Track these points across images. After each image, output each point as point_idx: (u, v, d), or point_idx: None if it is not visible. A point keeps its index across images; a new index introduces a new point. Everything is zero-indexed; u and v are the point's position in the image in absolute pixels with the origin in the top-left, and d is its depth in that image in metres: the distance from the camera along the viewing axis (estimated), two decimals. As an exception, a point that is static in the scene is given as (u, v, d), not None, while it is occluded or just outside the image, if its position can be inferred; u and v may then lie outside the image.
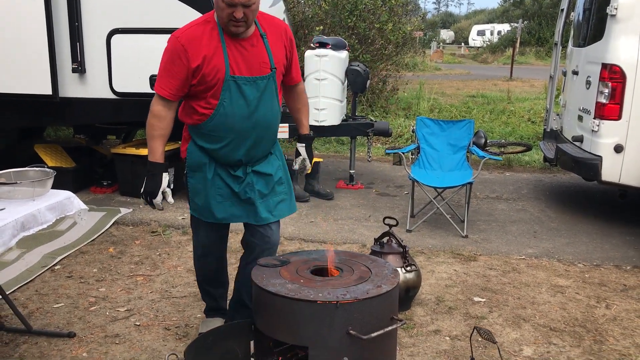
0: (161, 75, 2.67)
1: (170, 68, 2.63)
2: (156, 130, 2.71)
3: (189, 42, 2.60)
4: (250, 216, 2.88)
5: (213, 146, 2.76)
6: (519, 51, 30.30)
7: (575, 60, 5.87)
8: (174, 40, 2.62)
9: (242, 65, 2.66)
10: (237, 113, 2.68)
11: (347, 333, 2.22)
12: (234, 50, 2.65)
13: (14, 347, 3.17)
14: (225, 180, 2.83)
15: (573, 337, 3.34)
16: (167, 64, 2.64)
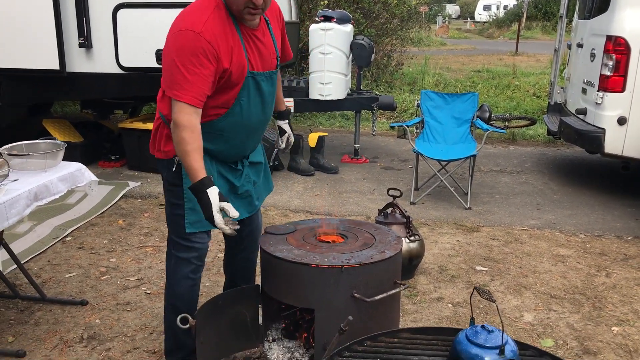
0: (185, 79, 2.18)
1: (199, 71, 2.18)
2: (190, 144, 2.21)
3: (215, 38, 2.20)
4: (244, 209, 2.62)
5: (219, 145, 2.45)
6: (525, 26, 30.01)
7: (581, 33, 5.87)
8: (196, 37, 2.17)
9: (258, 59, 2.38)
10: (252, 111, 2.43)
11: (351, 296, 2.30)
12: (250, 42, 2.35)
13: (29, 314, 3.28)
14: (226, 176, 2.55)
15: (573, 303, 3.42)
16: (192, 66, 2.18)
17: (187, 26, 2.19)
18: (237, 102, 2.36)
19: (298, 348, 2.56)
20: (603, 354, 2.92)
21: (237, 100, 2.36)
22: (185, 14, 2.26)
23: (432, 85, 11.01)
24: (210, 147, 2.41)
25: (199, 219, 2.40)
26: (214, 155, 2.47)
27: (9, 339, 3.02)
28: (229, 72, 2.27)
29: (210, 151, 2.43)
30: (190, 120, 2.21)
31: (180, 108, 2.20)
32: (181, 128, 2.21)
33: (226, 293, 2.57)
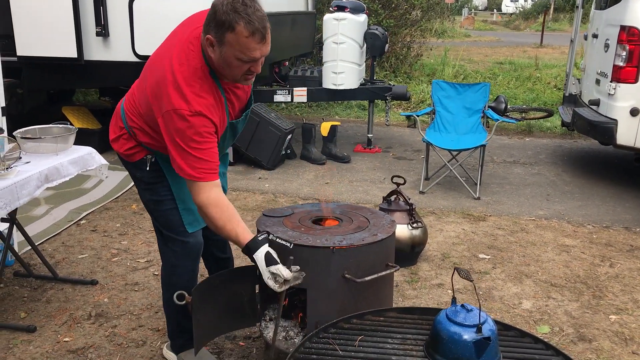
0: (198, 160, 2.14)
1: (207, 147, 2.16)
2: (220, 218, 2.21)
3: (209, 109, 2.16)
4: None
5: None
6: (552, 17, 29.56)
7: (596, 23, 5.81)
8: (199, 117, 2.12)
9: (237, 108, 2.40)
10: (226, 144, 2.52)
11: (342, 277, 2.36)
12: (230, 96, 2.33)
13: (41, 292, 3.41)
14: None
15: (573, 292, 3.43)
16: (200, 145, 2.14)
17: (182, 106, 2.10)
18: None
19: (293, 327, 2.63)
20: (598, 340, 2.94)
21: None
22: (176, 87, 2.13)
23: (452, 76, 10.96)
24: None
25: (195, 218, 2.46)
26: None
27: (21, 314, 3.16)
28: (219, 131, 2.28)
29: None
30: (218, 196, 2.22)
31: (201, 188, 2.17)
32: (208, 207, 2.18)
33: (223, 272, 2.65)
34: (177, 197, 2.46)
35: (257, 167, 5.86)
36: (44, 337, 2.94)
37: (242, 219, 2.91)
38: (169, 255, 2.59)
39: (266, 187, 5.34)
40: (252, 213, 4.62)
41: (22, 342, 2.90)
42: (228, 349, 2.84)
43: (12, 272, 3.60)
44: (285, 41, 6.62)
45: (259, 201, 4.93)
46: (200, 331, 2.49)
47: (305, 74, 6.34)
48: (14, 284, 3.49)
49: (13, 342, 2.89)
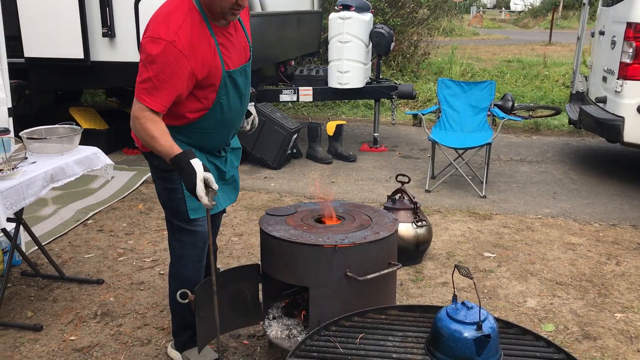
0: (154, 87, 2.17)
1: (169, 80, 2.18)
2: (156, 130, 2.23)
3: (189, 47, 2.18)
4: (234, 194, 2.77)
5: (198, 141, 2.49)
6: (561, 15, 29.40)
7: (603, 20, 5.78)
8: (169, 47, 2.14)
9: (233, 56, 2.37)
10: (232, 106, 2.46)
11: (344, 275, 2.37)
12: (223, 40, 2.33)
13: (48, 292, 3.43)
14: (214, 162, 2.61)
15: (578, 290, 3.42)
16: (162, 73, 2.16)
17: (161, 34, 2.14)
18: (216, 102, 2.38)
19: (296, 325, 2.64)
20: (603, 339, 2.92)
21: (216, 100, 2.37)
22: (159, 18, 2.20)
23: (459, 74, 10.93)
24: (193, 143, 2.46)
25: (199, 205, 2.44)
26: (198, 148, 2.49)
27: (28, 313, 3.18)
28: (205, 77, 2.26)
29: (194, 145, 2.46)
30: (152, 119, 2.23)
31: (142, 109, 2.22)
32: (142, 120, 2.22)
33: (227, 271, 2.66)
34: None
35: (263, 167, 5.87)
36: (50, 336, 2.97)
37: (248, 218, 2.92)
38: (176, 246, 2.61)
39: (272, 186, 5.35)
40: (257, 212, 4.63)
41: (28, 340, 2.92)
42: (232, 347, 2.85)
43: (20, 271, 3.63)
44: (291, 40, 6.64)
45: (265, 200, 4.94)
46: (204, 329, 2.51)
47: (311, 73, 6.35)
48: (21, 283, 3.52)
49: (20, 341, 2.91)
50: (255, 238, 4.10)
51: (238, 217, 4.55)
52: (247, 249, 3.97)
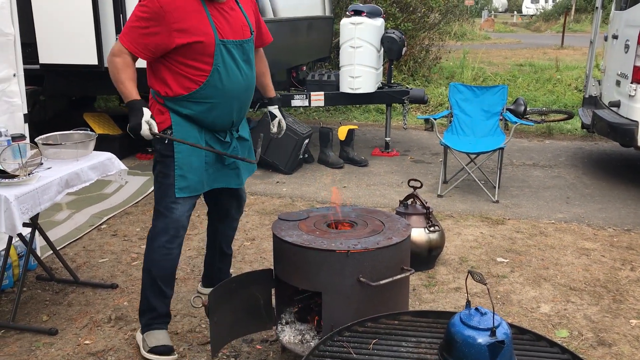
0: (132, 28, 2.55)
1: (146, 27, 2.51)
2: (123, 72, 2.58)
3: (172, 6, 2.49)
4: (232, 180, 2.92)
5: (204, 113, 2.69)
6: (574, 19, 29.26)
7: (616, 24, 5.75)
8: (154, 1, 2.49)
9: (227, 28, 2.62)
10: (231, 77, 2.66)
11: (357, 280, 2.37)
12: (216, 13, 2.60)
13: (63, 296, 3.47)
14: (213, 146, 2.79)
15: (592, 296, 3.40)
16: (143, 21, 2.51)
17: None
18: (214, 70, 2.60)
19: (309, 330, 2.65)
20: (618, 345, 2.90)
21: (214, 67, 2.59)
22: None
23: (471, 79, 10.91)
24: (194, 113, 2.67)
25: (187, 185, 2.71)
26: (202, 124, 2.71)
27: (43, 317, 3.21)
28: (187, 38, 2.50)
29: (196, 119, 2.69)
30: (126, 61, 2.56)
31: (120, 50, 2.56)
32: (115, 56, 2.57)
33: (240, 276, 2.68)
34: (177, 162, 2.68)
35: (274, 171, 5.89)
36: (65, 340, 2.99)
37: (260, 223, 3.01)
38: (151, 231, 2.82)
39: (284, 191, 5.36)
40: (269, 217, 4.65)
41: (44, 344, 2.95)
42: (245, 352, 2.86)
43: (35, 276, 3.67)
44: (302, 46, 6.67)
45: (277, 205, 4.96)
46: (217, 333, 2.52)
47: (322, 78, 6.36)
48: (36, 287, 3.55)
49: (35, 345, 2.94)
50: (267, 243, 4.11)
51: (250, 221, 4.56)
52: (260, 253, 3.99)
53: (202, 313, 3.22)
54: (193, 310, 3.26)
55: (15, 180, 2.85)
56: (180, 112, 2.67)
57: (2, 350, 2.89)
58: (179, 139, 2.65)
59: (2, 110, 3.44)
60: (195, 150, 2.71)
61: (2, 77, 3.42)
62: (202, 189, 2.80)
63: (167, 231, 2.76)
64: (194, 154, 2.71)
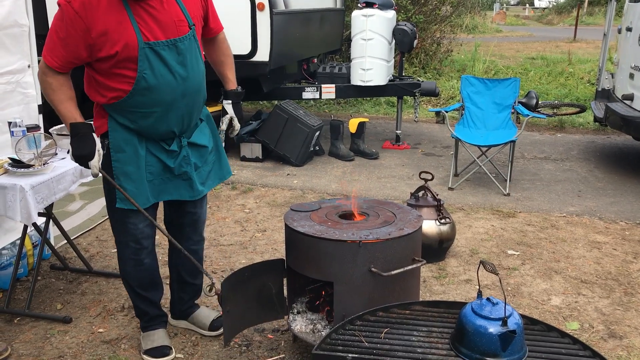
0: (52, 43, 2.29)
1: (64, 37, 2.26)
2: (59, 94, 2.38)
3: (83, 7, 2.23)
4: (184, 191, 2.61)
5: (139, 123, 2.43)
6: (587, 11, 28.99)
7: (630, 17, 5.70)
8: (66, 5, 2.23)
9: (155, 28, 2.31)
10: (161, 83, 2.36)
11: (369, 270, 2.39)
12: (141, 13, 2.29)
13: (77, 285, 3.51)
14: (157, 155, 2.51)
15: (603, 289, 3.39)
16: (59, 31, 2.27)
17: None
18: (139, 77, 2.32)
19: (320, 320, 2.67)
20: (629, 338, 2.90)
21: (139, 74, 2.32)
22: None
23: (482, 72, 10.86)
24: (131, 124, 2.42)
25: (123, 196, 2.46)
26: (140, 133, 2.46)
27: (57, 306, 3.26)
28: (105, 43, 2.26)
29: (133, 129, 2.44)
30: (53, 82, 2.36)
31: (44, 66, 2.35)
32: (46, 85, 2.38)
33: (252, 265, 2.69)
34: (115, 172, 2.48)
35: (285, 164, 5.91)
36: (79, 328, 3.03)
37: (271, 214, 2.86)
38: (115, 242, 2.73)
39: (294, 183, 5.38)
40: (280, 209, 4.67)
41: (58, 332, 2.99)
42: (257, 341, 2.88)
43: (49, 265, 3.72)
44: (313, 38, 6.66)
45: (287, 197, 4.98)
46: (230, 322, 2.55)
47: (333, 70, 6.36)
48: (50, 276, 3.60)
49: (50, 332, 2.99)
50: (278, 234, 4.13)
51: (261, 213, 4.59)
52: (271, 244, 4.01)
53: (214, 302, 3.25)
54: (205, 299, 3.29)
55: (31, 170, 2.89)
56: (116, 119, 2.44)
57: (18, 337, 2.94)
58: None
59: (16, 101, 3.48)
60: (133, 158, 2.46)
61: (17, 68, 3.46)
62: (145, 201, 2.50)
63: (128, 244, 2.63)
64: (130, 162, 2.46)
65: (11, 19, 3.37)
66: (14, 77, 3.45)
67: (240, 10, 5.40)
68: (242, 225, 4.37)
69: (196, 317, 3.00)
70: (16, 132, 3.13)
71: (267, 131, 5.90)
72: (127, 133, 2.44)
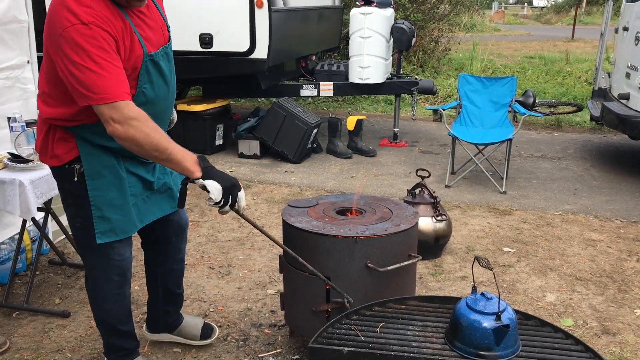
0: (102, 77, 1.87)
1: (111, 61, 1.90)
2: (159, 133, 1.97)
3: (107, 24, 1.91)
4: (166, 205, 2.40)
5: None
6: (585, 11, 29.05)
7: (627, 16, 5.74)
8: (90, 28, 1.86)
9: (151, 37, 2.09)
10: (158, 96, 2.15)
11: (365, 266, 2.41)
12: (138, 21, 2.05)
13: (75, 280, 3.53)
14: (136, 173, 2.25)
15: (598, 286, 3.42)
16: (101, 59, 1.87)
17: (72, 20, 1.86)
18: (139, 91, 2.07)
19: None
20: (622, 334, 2.93)
21: (138, 89, 2.06)
22: (64, 7, 1.88)
23: (480, 70, 10.89)
24: (112, 144, 2.08)
25: (111, 227, 2.18)
26: (119, 152, 2.16)
27: (56, 300, 3.28)
28: (129, 60, 2.00)
29: (113, 149, 2.13)
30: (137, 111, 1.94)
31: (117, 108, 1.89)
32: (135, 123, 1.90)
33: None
34: (93, 202, 2.15)
35: (283, 161, 5.93)
36: (78, 322, 3.05)
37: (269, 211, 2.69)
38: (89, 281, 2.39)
39: (292, 180, 5.40)
40: (278, 205, 4.69)
41: (57, 326, 3.01)
42: (254, 336, 2.91)
43: (47, 260, 3.73)
44: (312, 36, 6.68)
45: (285, 194, 5.00)
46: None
47: (331, 68, 6.38)
48: (48, 271, 3.62)
49: (49, 326, 3.00)
50: (275, 230, 4.15)
51: (259, 209, 4.61)
52: (268, 240, 4.01)
53: (212, 297, 3.28)
54: (203, 295, 3.31)
55: (30, 165, 2.91)
56: (92, 141, 2.11)
57: (17, 331, 2.96)
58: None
59: (16, 96, 3.50)
60: (114, 182, 2.17)
61: (16, 64, 3.47)
62: (132, 228, 2.25)
63: (110, 279, 2.30)
64: (112, 188, 2.16)
65: (10, 14, 3.38)
66: (13, 72, 3.46)
67: (238, 7, 5.41)
68: (240, 221, 4.39)
69: (184, 328, 2.79)
70: (15, 127, 3.15)
71: (265, 128, 5.92)
72: (105, 155, 2.14)
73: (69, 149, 2.12)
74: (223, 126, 6.29)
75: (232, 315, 3.10)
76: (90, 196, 2.14)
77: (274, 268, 3.62)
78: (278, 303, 3.08)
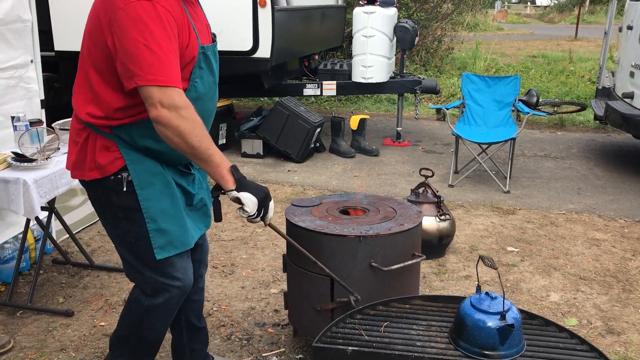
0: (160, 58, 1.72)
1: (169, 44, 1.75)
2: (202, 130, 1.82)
3: (171, 7, 1.80)
4: (201, 224, 2.21)
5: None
6: (588, 10, 28.97)
7: (631, 15, 5.72)
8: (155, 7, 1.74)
9: (201, 30, 1.98)
10: (207, 93, 2.01)
11: (369, 265, 2.41)
12: (191, 12, 1.94)
13: (78, 279, 3.53)
14: (180, 183, 2.06)
15: (602, 285, 3.41)
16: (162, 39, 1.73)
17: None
18: (191, 85, 1.92)
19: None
20: (627, 334, 2.92)
21: (191, 82, 1.92)
22: None
23: (483, 69, 10.87)
24: (156, 145, 1.93)
25: (169, 239, 1.98)
26: (163, 155, 1.98)
27: (59, 300, 3.28)
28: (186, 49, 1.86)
29: (158, 153, 1.97)
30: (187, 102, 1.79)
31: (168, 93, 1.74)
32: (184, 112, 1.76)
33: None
34: (147, 214, 1.95)
35: (286, 160, 5.93)
36: (81, 321, 3.05)
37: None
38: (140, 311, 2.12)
39: (295, 179, 5.40)
40: (281, 205, 4.69)
41: (60, 325, 3.01)
42: (257, 335, 2.91)
43: (51, 259, 3.74)
44: (315, 35, 6.68)
45: (288, 193, 5.00)
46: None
47: (334, 67, 6.38)
48: (52, 270, 3.62)
49: (52, 325, 3.01)
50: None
51: (262, 209, 4.60)
52: (272, 239, 4.03)
53: (215, 297, 3.28)
54: (206, 294, 3.31)
55: (34, 164, 2.91)
56: (138, 143, 1.93)
57: (21, 330, 2.96)
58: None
59: (19, 95, 3.50)
60: (165, 190, 1.98)
61: (19, 63, 3.48)
62: (191, 240, 2.06)
63: (169, 306, 2.08)
64: (164, 197, 1.97)
65: (14, 14, 3.38)
66: (17, 71, 3.47)
67: (242, 6, 5.41)
68: (243, 220, 4.39)
69: None
70: (19, 127, 3.15)
71: (268, 127, 5.91)
72: (151, 162, 1.96)
73: (113, 158, 1.92)
74: (226, 125, 6.29)
75: (236, 315, 3.10)
76: (142, 208, 1.94)
77: (277, 267, 3.62)
78: (281, 302, 3.08)
